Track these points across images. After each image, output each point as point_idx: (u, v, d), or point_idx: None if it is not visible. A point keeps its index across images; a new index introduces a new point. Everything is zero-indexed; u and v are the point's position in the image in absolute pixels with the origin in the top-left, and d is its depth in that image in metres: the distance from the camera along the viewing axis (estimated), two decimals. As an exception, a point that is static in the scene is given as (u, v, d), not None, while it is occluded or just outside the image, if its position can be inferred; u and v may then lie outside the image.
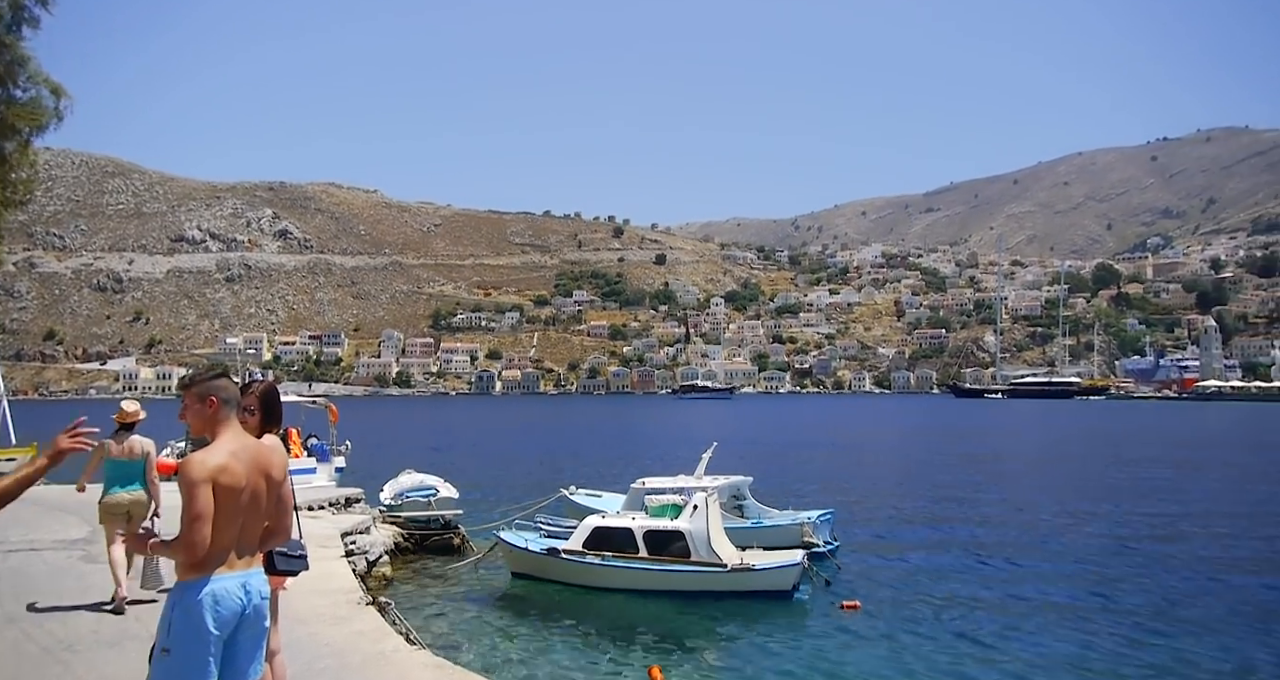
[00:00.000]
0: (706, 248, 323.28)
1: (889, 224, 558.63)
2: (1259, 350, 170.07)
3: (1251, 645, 11.11)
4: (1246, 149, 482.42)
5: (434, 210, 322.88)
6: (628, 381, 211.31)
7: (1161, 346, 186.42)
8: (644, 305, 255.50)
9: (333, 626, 7.66)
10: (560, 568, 14.07)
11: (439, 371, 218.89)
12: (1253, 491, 26.84)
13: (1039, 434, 59.96)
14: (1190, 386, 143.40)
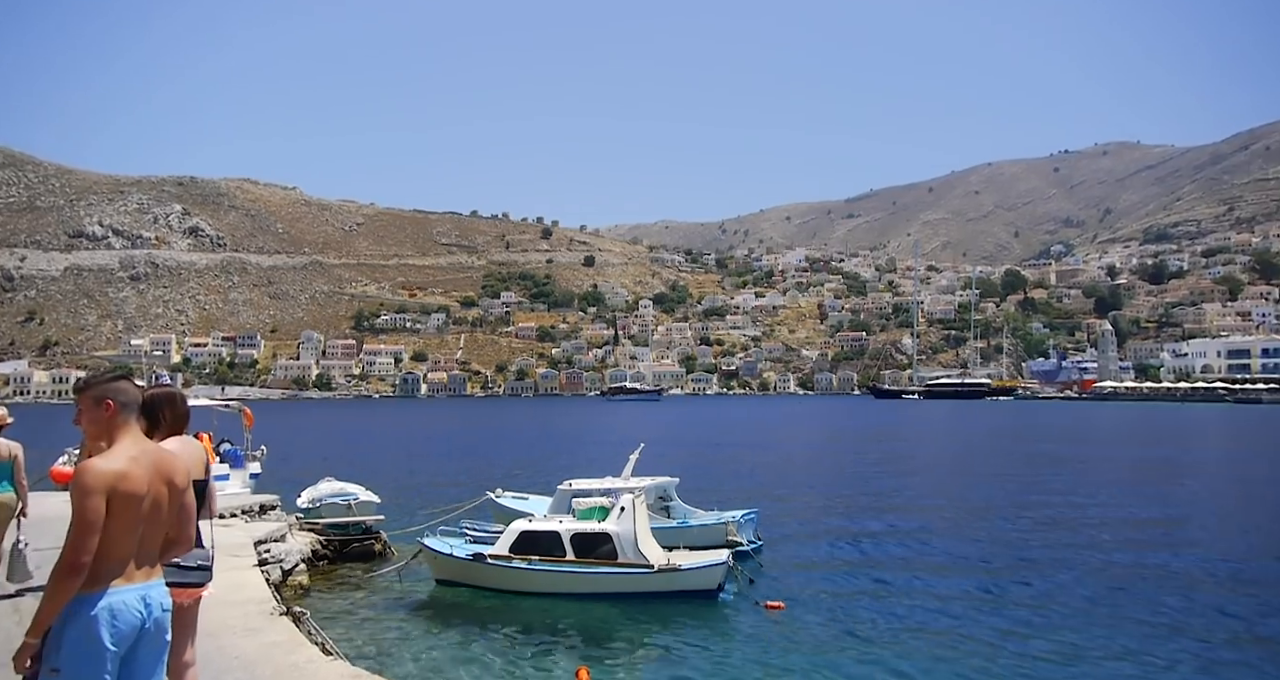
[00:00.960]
0: (635, 250, 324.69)
1: (812, 229, 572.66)
2: (1149, 353, 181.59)
3: (1132, 627, 11.86)
4: (1138, 163, 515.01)
5: (356, 209, 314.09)
6: (556, 383, 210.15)
7: (1064, 349, 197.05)
8: (573, 307, 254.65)
9: (243, 638, 7.35)
10: (486, 573, 13.87)
11: (362, 374, 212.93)
12: (1130, 485, 28.62)
13: (952, 433, 62.48)
14: (1089, 387, 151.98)
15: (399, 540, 16.71)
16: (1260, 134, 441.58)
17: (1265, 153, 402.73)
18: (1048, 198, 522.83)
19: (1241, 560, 16.40)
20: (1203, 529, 20.09)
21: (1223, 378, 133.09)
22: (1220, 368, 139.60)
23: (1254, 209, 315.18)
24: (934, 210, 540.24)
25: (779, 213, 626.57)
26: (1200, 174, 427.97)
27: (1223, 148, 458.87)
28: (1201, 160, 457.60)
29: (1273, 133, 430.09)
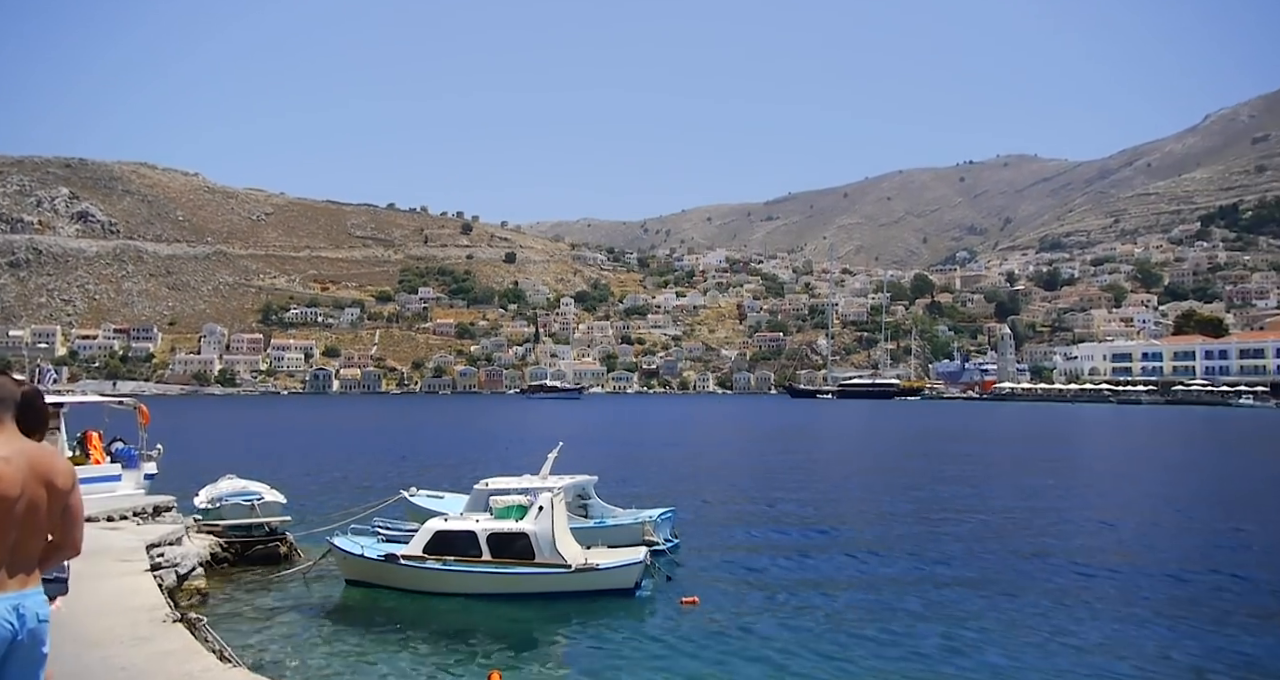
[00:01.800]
0: (557, 247, 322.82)
1: (733, 230, 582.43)
2: (1044, 355, 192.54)
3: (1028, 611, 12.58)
4: (1035, 175, 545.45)
5: (265, 198, 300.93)
6: (475, 381, 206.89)
7: (967, 351, 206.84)
8: (493, 304, 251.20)
9: (131, 648, 6.93)
10: (399, 574, 13.53)
11: (269, 369, 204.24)
12: (1023, 482, 30.33)
13: (864, 433, 64.69)
14: (989, 388, 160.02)
15: (307, 541, 16.12)
16: (1143, 151, 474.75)
17: (1147, 169, 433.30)
18: (954, 206, 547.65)
19: (1130, 551, 17.59)
20: (1091, 523, 21.43)
21: (1108, 380, 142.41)
22: (1106, 370, 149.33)
23: (1137, 221, 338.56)
24: (849, 215, 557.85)
25: (700, 213, 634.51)
26: (1090, 187, 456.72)
27: (1110, 163, 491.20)
28: (1091, 174, 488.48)
29: (1154, 150, 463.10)
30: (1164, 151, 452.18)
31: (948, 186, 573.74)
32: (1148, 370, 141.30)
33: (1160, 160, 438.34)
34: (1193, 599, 13.54)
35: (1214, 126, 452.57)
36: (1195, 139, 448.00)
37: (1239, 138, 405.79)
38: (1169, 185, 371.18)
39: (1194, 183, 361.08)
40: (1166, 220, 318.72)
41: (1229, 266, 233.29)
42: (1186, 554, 17.18)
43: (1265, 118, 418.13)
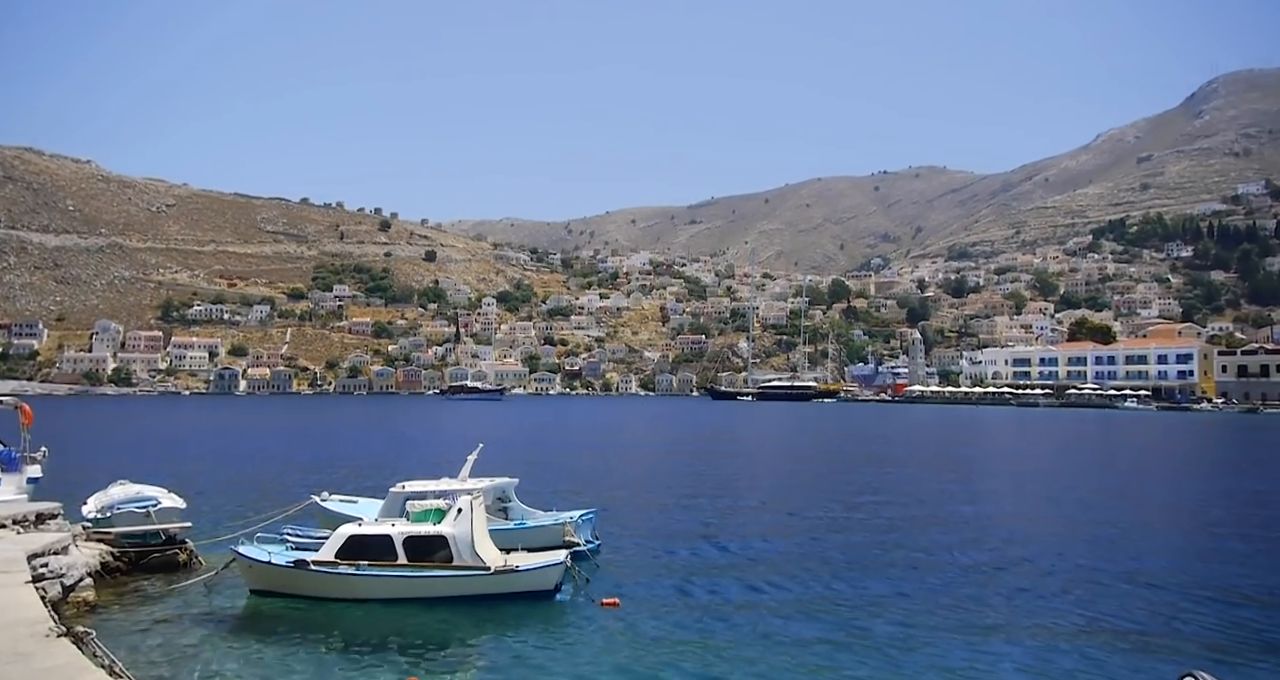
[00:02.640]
0: (479, 246, 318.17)
1: (657, 233, 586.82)
2: (951, 360, 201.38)
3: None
4: (944, 186, 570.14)
5: (166, 188, 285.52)
6: (392, 381, 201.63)
7: (881, 355, 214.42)
8: (412, 303, 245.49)
9: (11, 665, 6.44)
10: (309, 581, 13.04)
11: (169, 368, 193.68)
12: (934, 481, 31.66)
13: (783, 434, 66.17)
14: (901, 391, 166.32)
15: (210, 550, 15.35)
16: (1041, 166, 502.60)
17: (1045, 183, 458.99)
18: (869, 214, 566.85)
19: (1032, 542, 18.55)
20: (993, 520, 22.50)
21: (1009, 383, 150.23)
22: (1007, 374, 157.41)
23: (1036, 233, 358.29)
24: (770, 220, 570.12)
25: (625, 216, 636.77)
26: (994, 199, 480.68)
27: (1012, 177, 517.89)
28: (995, 187, 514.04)
29: (1051, 166, 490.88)
30: (1060, 167, 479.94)
31: (863, 195, 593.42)
32: (1045, 374, 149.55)
33: (1057, 176, 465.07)
34: (1093, 583, 14.39)
35: (1104, 145, 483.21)
36: (1088, 156, 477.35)
37: (1126, 156, 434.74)
38: (1064, 200, 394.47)
39: (1086, 198, 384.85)
40: (1062, 232, 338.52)
41: (1117, 277, 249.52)
42: (1076, 544, 18.25)
43: (1149, 138, 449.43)
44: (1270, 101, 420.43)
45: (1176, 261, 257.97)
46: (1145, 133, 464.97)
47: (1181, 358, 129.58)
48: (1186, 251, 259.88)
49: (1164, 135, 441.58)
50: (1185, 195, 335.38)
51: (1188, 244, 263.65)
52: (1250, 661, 10.65)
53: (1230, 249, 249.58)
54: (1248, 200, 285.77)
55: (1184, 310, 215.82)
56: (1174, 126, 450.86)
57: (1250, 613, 12.97)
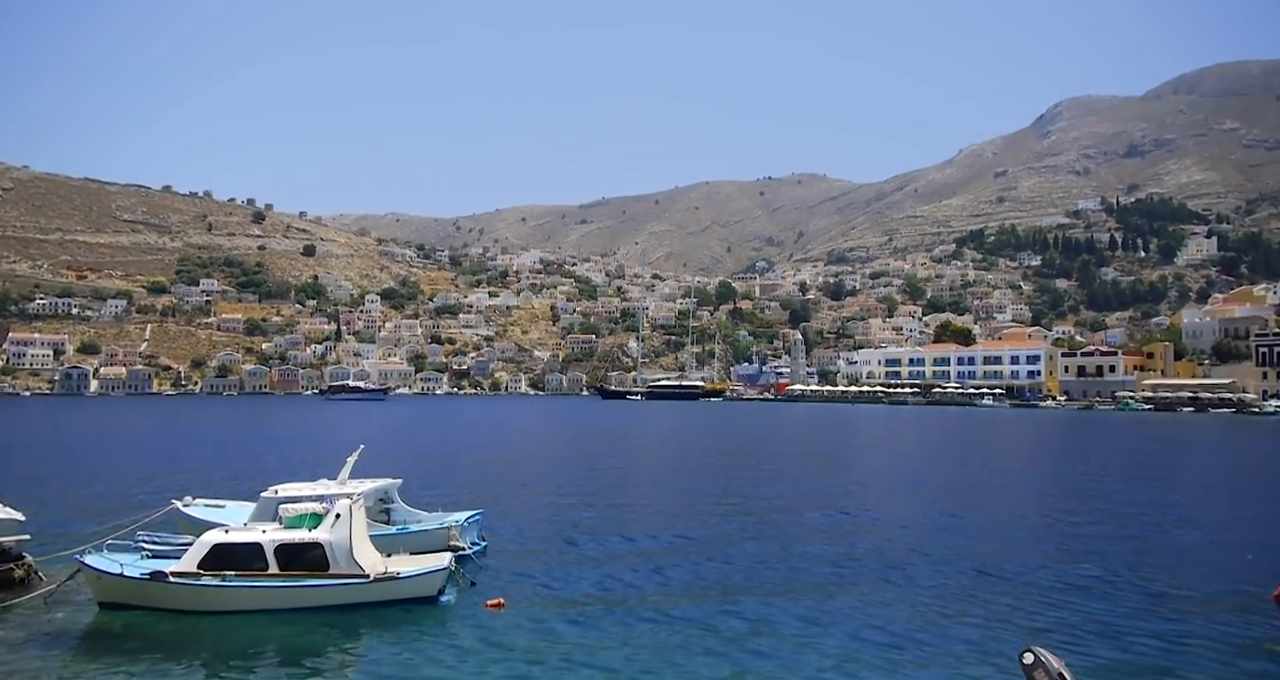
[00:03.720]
0: (362, 242, 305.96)
1: (547, 231, 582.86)
2: (830, 360, 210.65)
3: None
4: (824, 193, 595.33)
5: (2, 170, 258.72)
6: (266, 381, 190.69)
7: (765, 355, 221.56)
8: (289, 299, 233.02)
9: None
10: (167, 593, 12.19)
11: (6, 368, 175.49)
12: (812, 477, 33.12)
13: (670, 432, 67.23)
14: (783, 390, 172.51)
15: (54, 565, 14.06)
16: (911, 178, 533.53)
17: (915, 194, 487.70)
18: (755, 218, 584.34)
19: (897, 533, 19.70)
20: (865, 511, 23.74)
21: (881, 383, 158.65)
22: (880, 374, 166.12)
23: (907, 240, 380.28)
24: (659, 222, 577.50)
25: (515, 213, 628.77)
26: (869, 207, 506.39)
27: (886, 187, 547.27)
28: (870, 196, 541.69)
29: (920, 178, 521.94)
30: (928, 179, 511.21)
31: (749, 199, 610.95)
32: (913, 374, 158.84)
33: (925, 187, 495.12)
34: (945, 569, 15.46)
35: (966, 160, 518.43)
36: (952, 170, 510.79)
37: (985, 171, 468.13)
38: (931, 210, 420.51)
39: (950, 209, 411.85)
40: (929, 240, 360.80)
41: (976, 284, 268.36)
42: (930, 532, 19.57)
43: (1005, 155, 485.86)
44: (1105, 125, 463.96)
45: (1027, 270, 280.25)
46: (1001, 150, 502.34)
47: (1031, 359, 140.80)
48: (1036, 261, 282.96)
49: (1017, 153, 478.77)
50: (1035, 209, 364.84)
51: (1037, 254, 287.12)
52: (1083, 637, 11.78)
53: (1072, 259, 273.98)
54: (1087, 215, 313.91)
55: (1033, 315, 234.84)
56: (1025, 145, 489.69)
57: (1082, 594, 14.32)
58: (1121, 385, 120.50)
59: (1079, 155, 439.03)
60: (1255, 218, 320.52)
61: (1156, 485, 30.72)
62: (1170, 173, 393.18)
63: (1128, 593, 14.11)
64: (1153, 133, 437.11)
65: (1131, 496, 26.91)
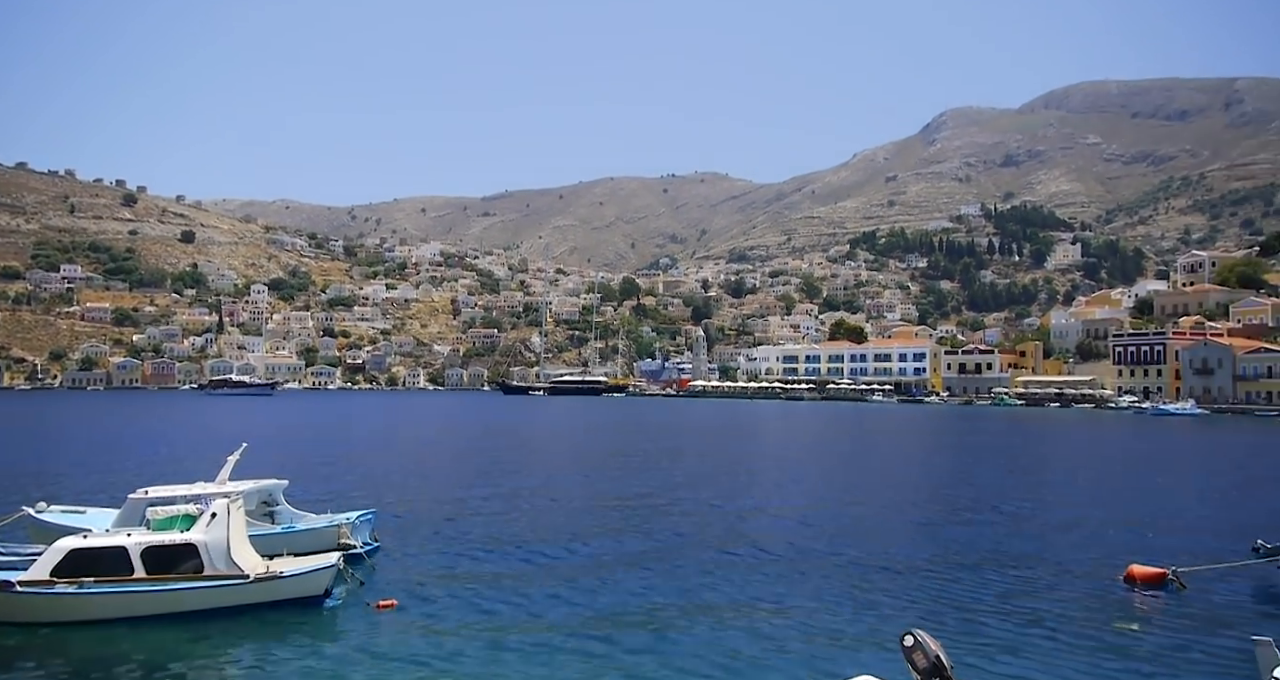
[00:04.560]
0: (248, 229, 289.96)
1: (448, 223, 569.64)
2: (730, 356, 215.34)
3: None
4: (727, 192, 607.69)
5: None
6: (138, 375, 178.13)
7: (667, 351, 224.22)
8: (164, 288, 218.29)
9: None
10: (16, 605, 11.17)
11: None
12: (709, 474, 33.77)
13: (572, 428, 67.03)
14: (685, 386, 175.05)
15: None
16: (809, 179, 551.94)
17: (813, 195, 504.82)
18: (659, 215, 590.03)
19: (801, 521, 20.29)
20: (758, 503, 24.36)
21: (779, 379, 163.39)
22: (778, 370, 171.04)
23: (804, 240, 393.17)
24: (564, 216, 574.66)
25: (414, 204, 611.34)
26: (769, 207, 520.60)
27: (785, 187, 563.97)
28: (770, 196, 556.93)
29: (817, 180, 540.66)
30: (824, 181, 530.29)
31: (653, 196, 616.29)
32: (809, 370, 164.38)
33: (821, 189, 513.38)
34: (831, 558, 16.06)
35: (860, 164, 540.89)
36: (847, 173, 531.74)
37: (877, 175, 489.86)
38: (828, 211, 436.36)
39: (845, 211, 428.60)
40: (825, 241, 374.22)
41: (869, 283, 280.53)
42: (816, 522, 20.32)
43: (895, 160, 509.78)
44: (985, 136, 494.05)
45: (915, 271, 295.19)
46: (892, 155, 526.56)
47: (917, 357, 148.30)
48: (922, 263, 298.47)
49: (906, 158, 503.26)
50: (923, 213, 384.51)
51: (924, 256, 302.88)
52: (960, 619, 12.48)
53: (955, 262, 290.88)
54: (968, 220, 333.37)
55: (920, 314, 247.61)
56: (914, 151, 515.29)
57: (957, 578, 15.19)
58: (997, 382, 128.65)
59: (961, 163, 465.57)
60: (1113, 226, 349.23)
61: (1023, 475, 32.98)
62: (1041, 182, 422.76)
63: (997, 575, 15.06)
64: (1026, 144, 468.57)
65: (1001, 485, 28.77)
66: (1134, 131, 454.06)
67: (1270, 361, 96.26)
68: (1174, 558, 15.29)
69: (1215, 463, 38.81)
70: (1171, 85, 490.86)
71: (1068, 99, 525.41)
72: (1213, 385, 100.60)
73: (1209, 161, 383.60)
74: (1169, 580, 14.15)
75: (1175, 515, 22.25)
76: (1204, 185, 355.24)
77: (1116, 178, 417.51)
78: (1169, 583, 14.10)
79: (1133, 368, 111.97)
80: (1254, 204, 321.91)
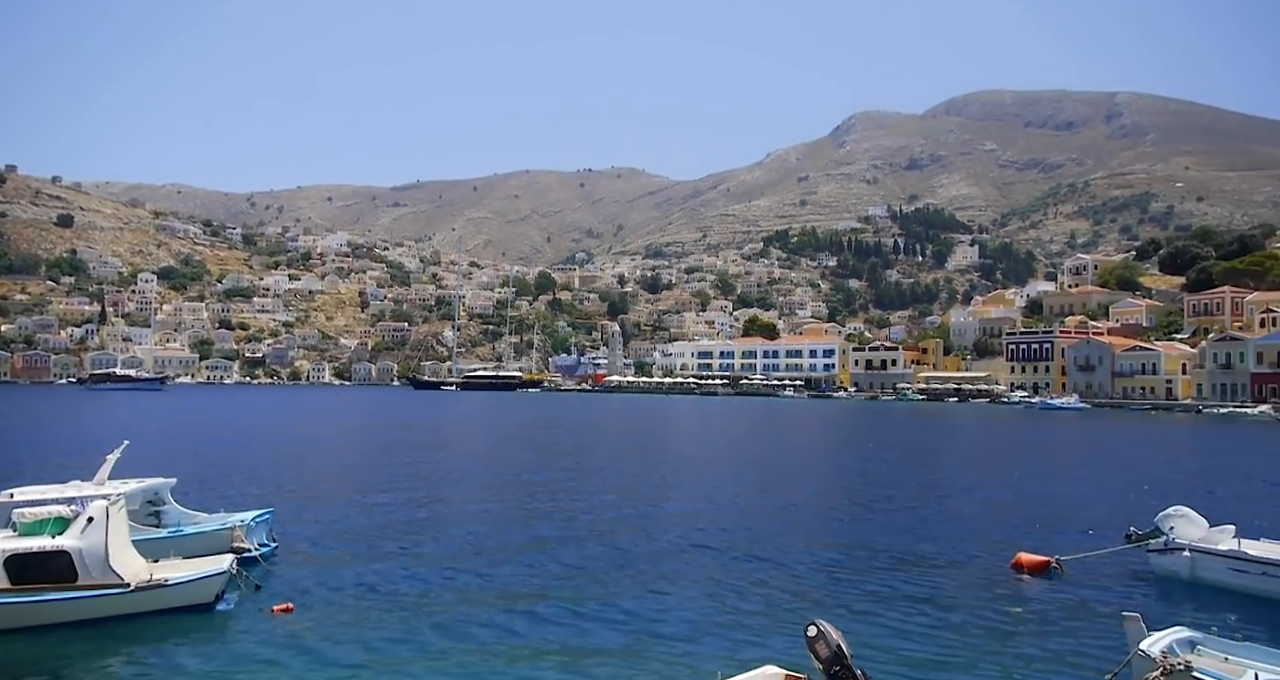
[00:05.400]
0: (135, 214, 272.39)
1: (356, 213, 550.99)
2: (646, 352, 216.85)
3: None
4: (643, 188, 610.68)
5: None
6: (8, 368, 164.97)
7: (583, 347, 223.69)
8: (37, 275, 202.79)
9: None
10: None
11: None
12: (617, 470, 33.84)
13: (484, 423, 65.96)
14: (601, 381, 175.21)
15: None
16: (724, 177, 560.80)
17: (728, 193, 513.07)
18: (575, 209, 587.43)
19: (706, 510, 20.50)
20: (664, 497, 24.54)
21: (694, 374, 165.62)
22: (693, 366, 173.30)
23: (719, 238, 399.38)
24: (478, 208, 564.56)
25: (319, 192, 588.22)
26: (685, 204, 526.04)
27: (701, 185, 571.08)
28: (687, 193, 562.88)
29: (732, 178, 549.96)
30: (739, 180, 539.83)
31: (570, 190, 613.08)
32: (723, 366, 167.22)
33: (736, 187, 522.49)
34: (738, 551, 16.32)
35: (773, 164, 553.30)
36: (761, 172, 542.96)
37: (790, 175, 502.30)
38: (742, 209, 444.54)
39: (759, 209, 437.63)
40: (740, 238, 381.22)
41: (781, 281, 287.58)
42: (724, 516, 20.67)
43: (807, 161, 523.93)
44: (891, 139, 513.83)
45: (825, 269, 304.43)
46: (804, 156, 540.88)
47: (827, 353, 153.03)
48: (832, 262, 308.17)
49: (817, 159, 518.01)
50: (833, 213, 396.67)
51: (834, 255, 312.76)
52: (860, 608, 12.90)
53: (863, 261, 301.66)
54: (876, 221, 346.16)
55: (830, 312, 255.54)
56: (825, 153, 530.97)
57: (861, 569, 15.70)
58: (902, 378, 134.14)
59: (869, 165, 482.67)
60: (1008, 230, 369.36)
61: (922, 468, 34.46)
62: (943, 186, 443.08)
63: (896, 566, 15.64)
64: (929, 149, 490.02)
65: (901, 478, 29.97)
66: (1026, 140, 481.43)
67: (1144, 359, 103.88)
68: (1058, 545, 16.28)
69: (1095, 454, 41.60)
70: (1060, 97, 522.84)
71: (967, 106, 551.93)
72: (1094, 381, 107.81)
73: (1093, 170, 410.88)
74: (1052, 567, 15.02)
75: (1060, 505, 23.69)
76: (1088, 192, 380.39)
77: (1011, 183, 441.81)
78: (1052, 569, 14.97)
79: (1024, 364, 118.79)
80: (1131, 211, 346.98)
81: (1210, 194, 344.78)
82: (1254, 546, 14.11)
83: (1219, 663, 8.49)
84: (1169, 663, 8.27)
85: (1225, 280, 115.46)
